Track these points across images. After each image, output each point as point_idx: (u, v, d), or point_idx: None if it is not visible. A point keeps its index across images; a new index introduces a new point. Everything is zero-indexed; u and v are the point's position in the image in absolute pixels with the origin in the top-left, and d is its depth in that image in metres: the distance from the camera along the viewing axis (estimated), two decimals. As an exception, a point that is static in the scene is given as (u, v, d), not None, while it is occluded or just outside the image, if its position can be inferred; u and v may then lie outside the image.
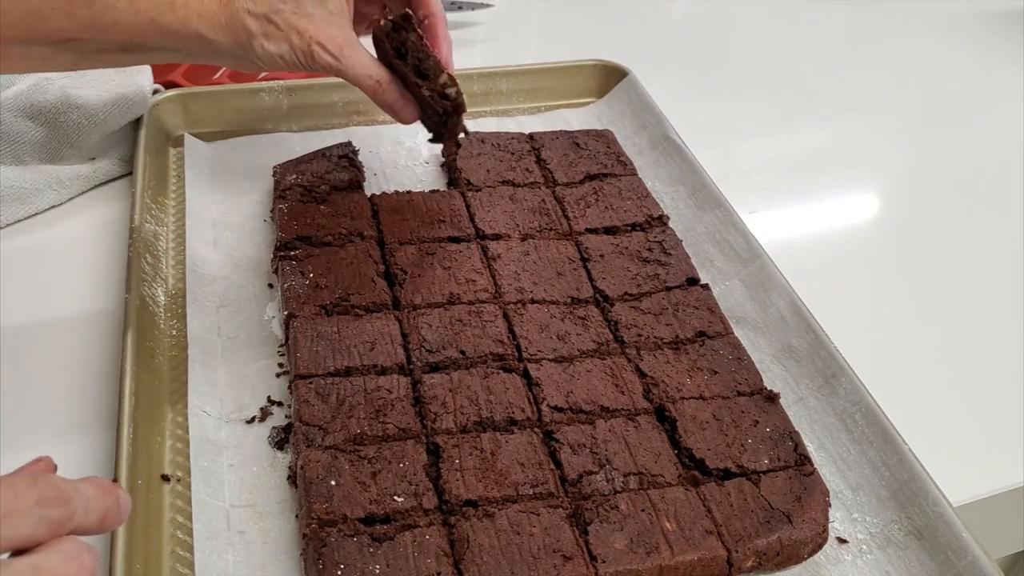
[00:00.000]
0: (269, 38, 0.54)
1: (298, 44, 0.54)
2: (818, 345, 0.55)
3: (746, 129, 0.84)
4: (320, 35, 0.54)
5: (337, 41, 0.55)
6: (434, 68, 0.57)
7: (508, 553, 0.43)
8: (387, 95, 0.58)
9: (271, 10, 0.53)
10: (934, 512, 0.46)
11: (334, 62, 0.55)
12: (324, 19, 0.54)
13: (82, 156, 0.67)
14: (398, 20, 0.57)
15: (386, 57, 0.58)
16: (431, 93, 0.57)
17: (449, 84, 0.57)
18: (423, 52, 0.57)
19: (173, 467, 0.48)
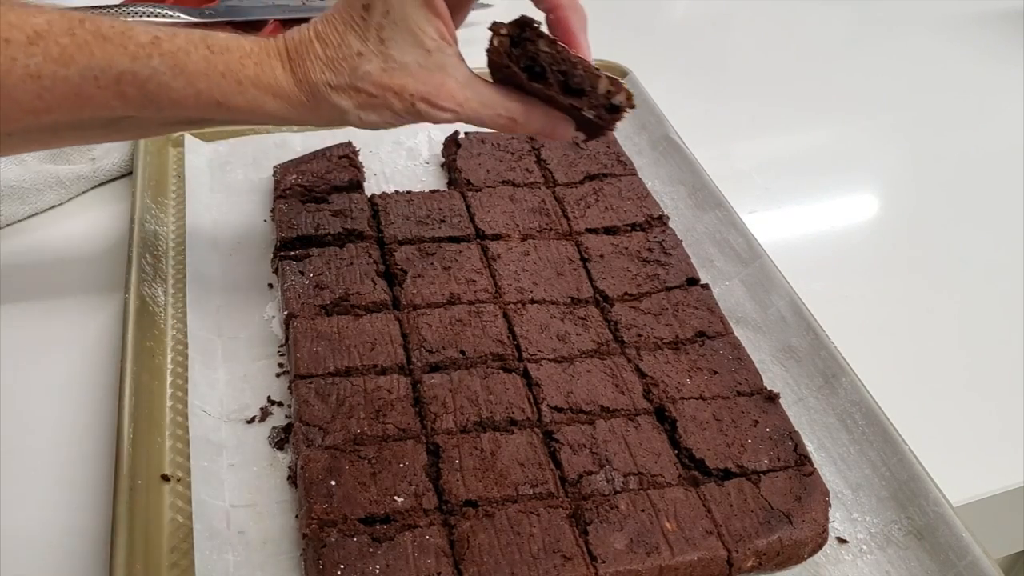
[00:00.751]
0: (364, 108, 0.44)
1: (400, 107, 0.44)
2: (818, 345, 0.55)
3: (746, 129, 0.84)
4: (423, 88, 0.44)
5: (447, 87, 0.44)
6: (588, 78, 0.44)
7: (508, 553, 0.43)
8: (530, 125, 0.46)
9: (355, 77, 0.44)
10: (934, 512, 0.46)
11: (451, 115, 0.45)
12: (422, 64, 0.44)
13: (82, 156, 0.67)
14: (514, 31, 0.44)
15: (514, 79, 0.45)
16: (595, 111, 0.45)
17: (614, 91, 0.45)
18: (565, 62, 0.44)
19: (173, 467, 0.48)
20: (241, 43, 0.44)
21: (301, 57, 0.45)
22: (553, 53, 0.43)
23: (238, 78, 0.43)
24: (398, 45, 0.43)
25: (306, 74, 0.44)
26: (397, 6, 0.43)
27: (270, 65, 0.44)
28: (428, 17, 0.44)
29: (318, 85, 0.44)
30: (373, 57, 0.43)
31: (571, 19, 0.46)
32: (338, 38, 0.44)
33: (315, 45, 0.44)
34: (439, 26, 0.44)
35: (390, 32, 0.43)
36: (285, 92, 0.44)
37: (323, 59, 0.44)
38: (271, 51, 0.45)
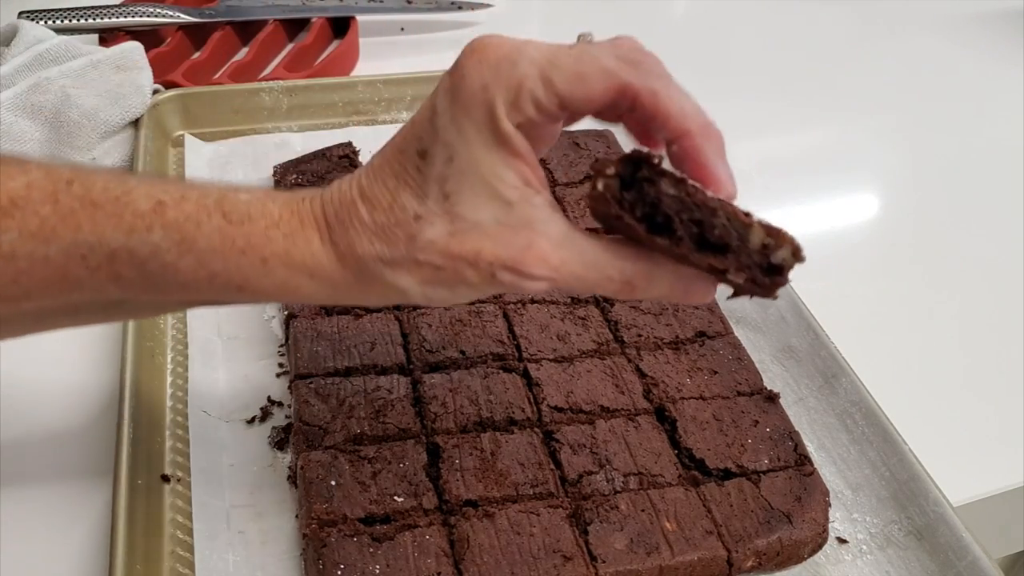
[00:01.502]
0: (431, 284, 0.34)
1: (477, 278, 0.33)
2: (818, 345, 0.55)
3: (746, 128, 0.84)
4: (504, 252, 0.33)
5: (536, 249, 0.33)
6: (735, 227, 0.32)
7: (508, 553, 0.43)
8: (654, 289, 0.35)
9: (415, 247, 0.33)
10: (934, 512, 0.46)
11: (545, 283, 0.33)
12: (502, 221, 0.33)
13: (82, 156, 0.67)
14: (624, 169, 0.32)
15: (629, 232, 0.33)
16: (747, 272, 0.32)
17: (774, 244, 0.32)
18: (700, 208, 0.32)
19: (173, 467, 0.48)
20: (267, 208, 0.35)
21: (343, 225, 0.34)
22: (682, 196, 0.32)
23: (263, 255, 0.34)
24: (468, 200, 0.33)
25: (351, 247, 0.34)
26: (463, 150, 0.32)
27: (304, 237, 0.34)
28: (506, 160, 0.33)
29: (366, 260, 0.34)
30: (436, 219, 0.33)
31: (704, 149, 0.33)
32: (389, 197, 0.34)
33: (360, 208, 0.34)
34: (522, 169, 0.33)
35: (456, 184, 0.33)
36: (326, 271, 0.34)
37: (371, 226, 0.34)
38: (306, 217, 0.35)
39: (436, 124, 0.33)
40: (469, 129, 0.32)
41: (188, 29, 0.83)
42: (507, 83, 0.32)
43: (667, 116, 0.32)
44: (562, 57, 0.32)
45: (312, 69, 0.82)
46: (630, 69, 0.32)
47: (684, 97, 0.33)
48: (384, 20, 0.93)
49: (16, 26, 0.70)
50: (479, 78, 0.32)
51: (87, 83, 0.66)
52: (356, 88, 0.77)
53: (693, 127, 0.33)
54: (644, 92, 0.32)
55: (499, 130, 0.32)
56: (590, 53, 0.32)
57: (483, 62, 0.32)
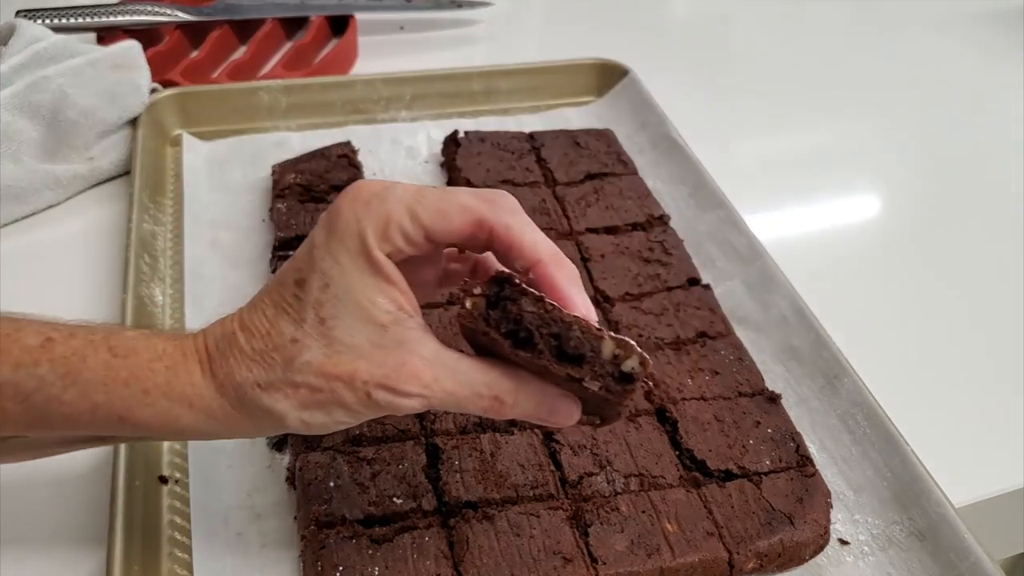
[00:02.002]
0: (308, 408, 0.35)
1: (353, 399, 0.34)
2: (820, 345, 0.55)
3: (748, 128, 0.84)
4: (379, 371, 0.34)
5: (409, 367, 0.34)
6: (588, 340, 0.34)
7: (508, 555, 0.42)
8: (522, 405, 0.36)
9: (291, 370, 0.34)
10: (936, 513, 0.46)
11: (418, 401, 0.35)
12: (376, 343, 0.34)
13: (80, 155, 0.67)
14: (490, 289, 0.35)
15: (496, 349, 0.36)
16: (600, 381, 0.35)
17: (623, 355, 0.34)
18: (557, 323, 0.34)
19: (171, 468, 0.47)
20: (152, 342, 0.36)
21: (223, 354, 0.36)
22: (540, 313, 0.34)
23: (145, 387, 0.35)
24: (344, 324, 0.34)
25: (229, 375, 0.35)
26: (338, 277, 0.34)
27: (186, 368, 0.35)
28: (379, 286, 0.34)
29: (244, 387, 0.35)
30: (313, 343, 0.34)
31: (556, 276, 0.36)
32: (267, 325, 0.35)
33: (239, 337, 0.36)
34: (394, 295, 0.35)
35: (332, 309, 0.34)
36: (204, 401, 0.35)
37: (249, 353, 0.35)
38: (188, 351, 0.36)
39: (313, 255, 0.35)
40: (343, 257, 0.34)
41: (186, 28, 0.83)
42: (377, 215, 0.35)
43: (520, 246, 0.36)
44: (427, 195, 0.35)
45: (311, 68, 0.82)
46: (486, 206, 0.36)
47: (535, 231, 0.36)
48: (383, 18, 0.93)
49: (14, 25, 0.69)
50: (352, 212, 0.35)
51: (85, 82, 0.66)
52: (355, 87, 0.77)
53: (544, 256, 0.36)
54: (498, 225, 0.35)
55: (371, 258, 0.34)
56: (452, 192, 0.36)
57: (356, 199, 0.35)
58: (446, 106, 0.78)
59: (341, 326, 0.34)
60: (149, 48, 0.77)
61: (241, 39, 0.86)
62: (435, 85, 0.78)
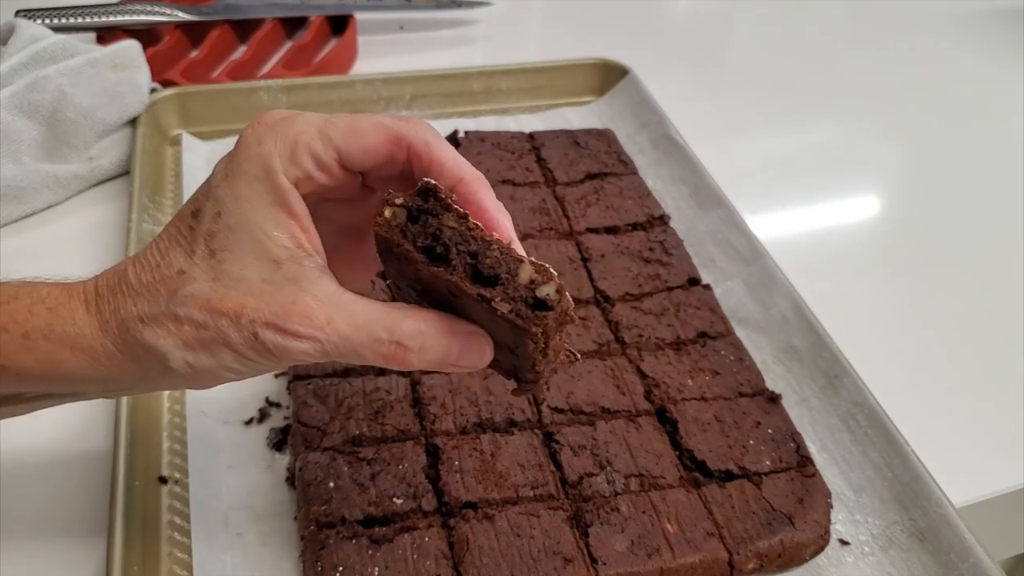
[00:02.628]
0: (192, 347, 0.32)
1: (239, 338, 0.32)
2: (820, 345, 0.55)
3: (748, 128, 0.84)
4: (267, 309, 0.31)
5: (301, 306, 0.32)
6: (505, 261, 0.32)
7: (508, 555, 0.42)
8: (428, 351, 0.33)
9: (175, 301, 0.32)
10: (937, 513, 0.46)
11: (310, 344, 0.32)
12: (267, 279, 0.32)
13: (79, 155, 0.67)
14: (416, 197, 0.33)
15: (408, 270, 0.34)
16: (512, 306, 0.32)
17: (540, 280, 0.32)
18: (477, 241, 0.33)
19: (171, 468, 0.47)
20: (37, 288, 0.34)
21: (112, 291, 0.33)
22: (461, 230, 0.33)
23: (24, 330, 0.32)
24: (235, 256, 0.32)
25: (115, 311, 0.33)
26: (233, 206, 0.32)
27: (69, 308, 0.33)
28: (278, 218, 0.32)
29: (127, 322, 0.32)
30: (200, 274, 0.32)
31: (480, 193, 0.34)
32: (158, 257, 0.33)
33: (129, 272, 0.33)
34: (293, 230, 0.32)
35: (224, 240, 0.32)
36: (87, 341, 0.33)
37: (136, 286, 0.33)
38: (75, 292, 0.34)
39: (210, 183, 0.33)
40: (241, 185, 0.32)
41: (186, 27, 0.83)
42: (284, 137, 0.32)
43: (441, 163, 0.34)
44: (339, 117, 0.33)
45: (310, 67, 0.82)
46: (402, 123, 0.34)
47: (454, 151, 0.35)
48: (383, 18, 0.93)
49: (13, 25, 0.69)
50: (255, 135, 0.32)
51: (84, 82, 0.66)
52: (355, 87, 0.77)
53: (467, 175, 0.34)
54: (417, 141, 0.33)
55: (276, 184, 0.32)
56: (364, 114, 0.34)
57: (261, 122, 0.33)
58: (446, 106, 0.78)
59: (231, 259, 0.32)
60: (149, 48, 0.77)
61: (241, 39, 0.86)
62: (435, 85, 0.78)
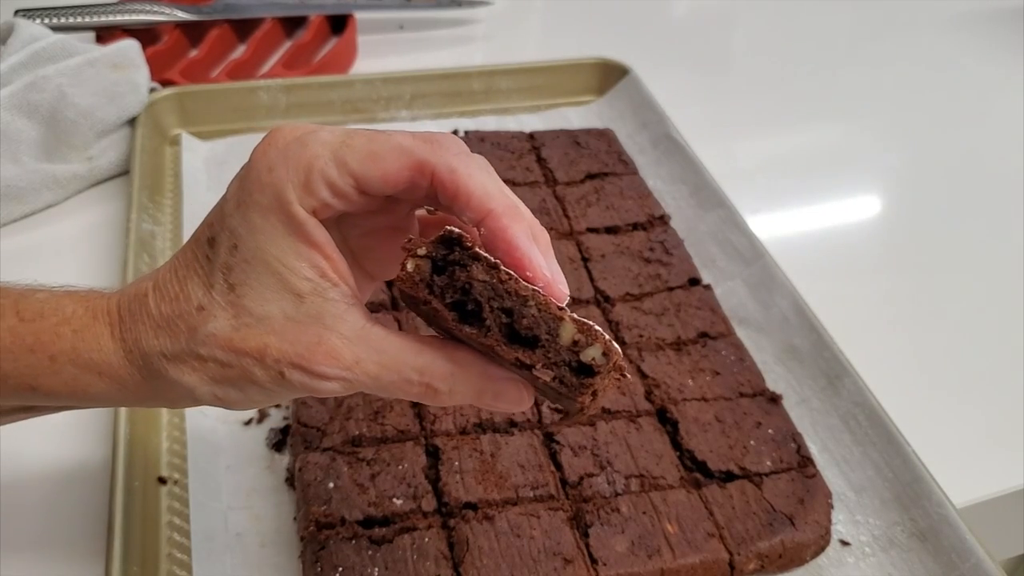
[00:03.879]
0: (219, 383, 0.31)
1: (265, 377, 0.31)
2: (821, 346, 0.54)
3: (748, 128, 0.84)
4: (291, 349, 0.30)
5: (326, 346, 0.30)
6: (543, 318, 0.29)
7: (508, 556, 0.42)
8: (459, 394, 0.31)
9: (195, 341, 0.31)
10: (938, 514, 0.46)
11: (337, 384, 0.31)
12: (290, 316, 0.30)
13: (79, 155, 0.67)
14: (437, 251, 0.30)
15: (438, 320, 0.31)
16: (555, 372, 0.30)
17: (584, 342, 0.29)
18: (511, 296, 0.29)
19: (170, 469, 0.47)
20: (61, 304, 0.33)
21: (134, 317, 0.32)
22: (493, 283, 0.29)
23: (51, 353, 0.32)
24: (255, 292, 0.30)
25: (137, 341, 0.32)
26: (248, 238, 0.30)
27: (94, 332, 0.32)
28: (297, 249, 0.30)
29: (151, 356, 0.32)
30: (219, 311, 0.30)
31: (511, 230, 0.30)
32: (177, 287, 0.32)
33: (150, 299, 0.32)
34: (315, 260, 0.30)
35: (242, 274, 0.30)
36: (113, 369, 0.32)
37: (157, 319, 0.32)
38: (99, 313, 0.33)
39: (224, 210, 0.31)
40: (254, 215, 0.30)
41: (185, 27, 0.83)
42: (296, 165, 0.30)
43: (468, 195, 0.30)
44: (356, 137, 0.30)
45: (310, 67, 0.82)
46: (426, 146, 0.31)
47: (487, 176, 0.31)
48: (383, 17, 0.93)
49: (12, 24, 0.69)
50: (265, 161, 0.30)
51: (84, 81, 0.66)
52: (354, 86, 0.77)
53: (497, 207, 0.30)
54: (442, 168, 0.30)
55: (291, 216, 0.30)
56: (385, 133, 0.31)
57: (272, 145, 0.31)
58: (446, 105, 0.78)
59: (251, 294, 0.30)
60: (148, 47, 0.76)
61: (240, 38, 0.86)
62: (435, 84, 0.78)
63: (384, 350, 0.31)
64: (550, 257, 0.31)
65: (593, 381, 0.29)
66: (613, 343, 0.29)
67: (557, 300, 0.30)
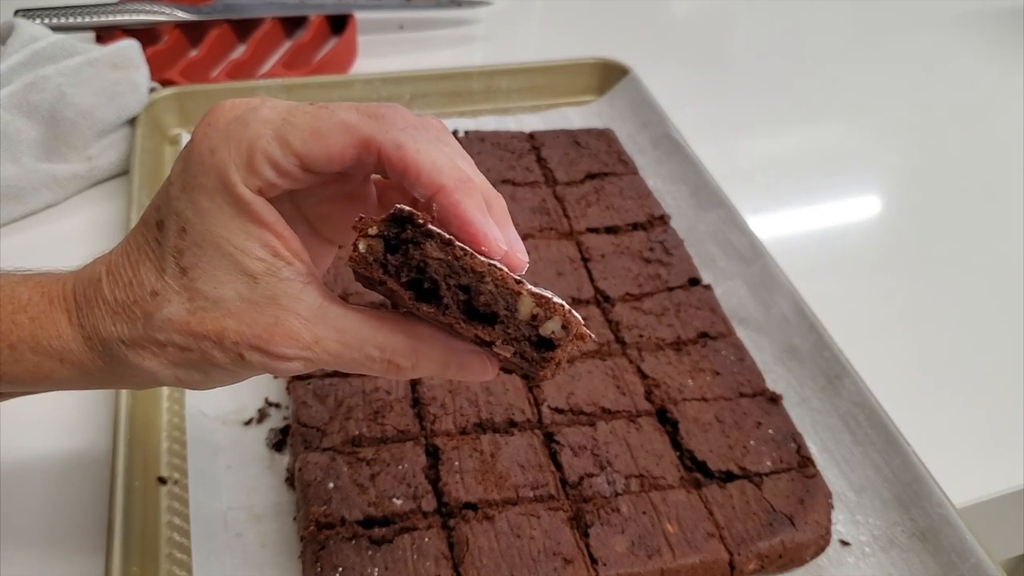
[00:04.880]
0: (181, 366, 0.31)
1: (225, 359, 0.30)
2: (821, 346, 0.54)
3: (748, 128, 0.84)
4: (248, 331, 0.30)
5: (284, 326, 0.30)
6: (500, 294, 0.29)
7: (508, 556, 0.42)
8: (423, 366, 0.32)
9: (152, 326, 0.31)
10: (938, 514, 0.46)
11: (298, 363, 0.31)
12: (245, 296, 0.30)
13: (79, 155, 0.66)
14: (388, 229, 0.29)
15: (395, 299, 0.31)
16: (515, 347, 0.30)
17: (543, 315, 0.29)
18: (468, 272, 0.29)
19: (170, 469, 0.47)
20: (16, 291, 0.33)
21: (90, 303, 0.32)
22: (449, 260, 0.29)
23: (10, 341, 0.32)
24: (207, 274, 0.30)
25: (95, 327, 0.32)
26: (196, 221, 0.30)
27: (52, 319, 0.32)
28: (247, 229, 0.30)
29: (110, 342, 0.31)
30: (174, 296, 0.30)
31: (463, 204, 0.29)
32: (130, 272, 0.31)
33: (103, 284, 0.32)
34: (267, 239, 0.30)
35: (194, 257, 0.30)
36: (74, 355, 0.32)
37: (113, 304, 0.31)
38: (54, 298, 0.33)
39: (169, 192, 0.31)
40: (200, 198, 0.30)
41: (185, 27, 0.83)
42: (238, 145, 0.29)
43: (417, 171, 0.29)
44: (298, 115, 0.30)
45: (310, 67, 0.82)
46: (371, 122, 0.30)
47: (435, 150, 0.30)
48: (382, 17, 0.93)
49: (12, 24, 0.69)
50: (207, 142, 0.30)
51: (83, 81, 0.66)
52: (354, 86, 0.77)
53: (448, 182, 0.29)
54: (388, 144, 0.29)
55: (237, 197, 0.29)
56: (328, 108, 0.30)
57: (212, 125, 0.30)
58: (446, 105, 0.78)
59: (204, 276, 0.30)
60: (148, 47, 0.76)
61: (240, 38, 0.86)
62: (435, 84, 0.78)
63: (344, 328, 0.30)
64: (507, 226, 0.31)
65: (554, 354, 0.29)
66: (573, 312, 0.29)
67: (516, 269, 0.30)
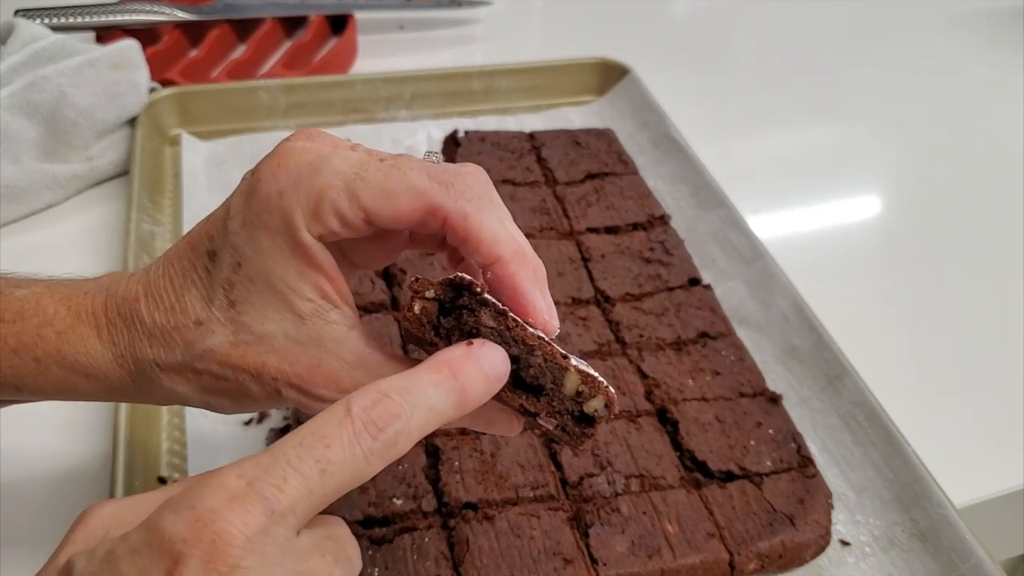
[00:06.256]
0: (212, 393, 0.32)
1: (261, 392, 0.31)
2: (821, 346, 0.54)
3: (749, 128, 0.84)
4: (290, 370, 0.31)
5: (325, 369, 0.31)
6: (549, 368, 0.30)
7: (508, 556, 0.42)
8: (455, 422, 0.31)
9: (192, 355, 0.31)
10: (938, 514, 0.46)
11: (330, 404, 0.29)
12: (291, 336, 0.31)
13: (79, 155, 0.67)
14: (445, 293, 0.30)
15: None
16: (558, 420, 0.31)
17: (588, 393, 0.31)
18: (518, 339, 0.30)
19: (170, 469, 0.47)
20: (42, 304, 0.33)
21: (126, 323, 0.32)
22: (500, 330, 0.30)
23: (35, 355, 0.32)
24: (256, 310, 0.30)
25: (130, 347, 0.32)
26: (253, 258, 0.30)
27: (79, 334, 0.32)
28: (301, 271, 0.30)
29: (143, 364, 0.32)
30: (218, 327, 0.31)
31: (517, 276, 0.30)
32: (173, 297, 0.32)
33: (142, 305, 0.32)
34: (319, 282, 0.30)
35: (244, 291, 0.30)
36: (102, 372, 0.32)
37: (150, 327, 0.31)
38: (84, 312, 0.32)
39: (228, 226, 0.31)
40: (261, 236, 0.30)
41: (185, 27, 0.83)
42: (307, 192, 0.30)
43: (479, 241, 0.30)
44: (370, 171, 0.30)
45: (310, 67, 0.82)
46: (441, 189, 0.30)
47: (498, 221, 0.31)
48: (383, 17, 0.93)
49: (12, 24, 0.69)
50: (275, 184, 0.30)
51: (83, 81, 0.66)
52: (354, 86, 0.77)
53: (505, 253, 0.30)
54: (454, 214, 0.30)
55: (298, 241, 0.30)
56: (400, 169, 0.30)
57: (282, 167, 0.30)
58: (446, 105, 0.78)
59: (252, 312, 0.30)
60: (148, 47, 0.76)
61: (240, 38, 0.86)
62: (435, 84, 0.78)
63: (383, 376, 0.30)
64: (545, 291, 0.32)
65: (594, 431, 0.31)
66: (611, 390, 0.31)
67: (548, 334, 0.31)
